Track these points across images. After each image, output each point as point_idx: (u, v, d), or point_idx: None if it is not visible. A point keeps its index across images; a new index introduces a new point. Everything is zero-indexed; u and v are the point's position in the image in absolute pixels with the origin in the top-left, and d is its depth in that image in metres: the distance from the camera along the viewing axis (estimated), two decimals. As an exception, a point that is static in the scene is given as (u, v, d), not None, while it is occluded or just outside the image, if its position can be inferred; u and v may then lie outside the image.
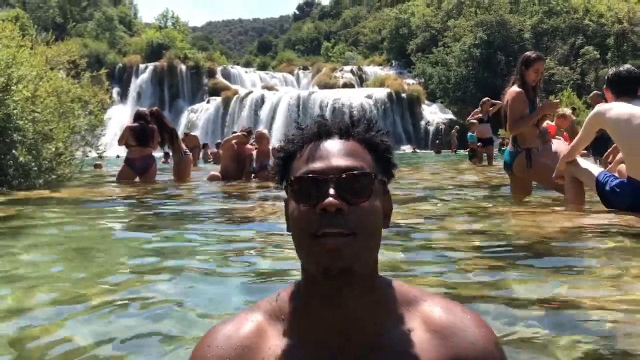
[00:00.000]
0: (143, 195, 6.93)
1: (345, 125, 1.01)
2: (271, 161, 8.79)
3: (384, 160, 1.02)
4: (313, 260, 0.93)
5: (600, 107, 4.53)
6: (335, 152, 0.97)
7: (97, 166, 14.39)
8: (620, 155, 4.67)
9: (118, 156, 14.95)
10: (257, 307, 1.04)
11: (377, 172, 1.00)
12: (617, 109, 4.28)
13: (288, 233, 1.02)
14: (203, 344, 0.99)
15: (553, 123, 7.71)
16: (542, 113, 5.42)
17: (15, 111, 7.35)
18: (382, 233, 0.99)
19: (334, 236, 0.90)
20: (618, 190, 4.25)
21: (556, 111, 6.06)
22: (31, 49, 9.21)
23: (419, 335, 0.96)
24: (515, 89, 5.32)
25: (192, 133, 19.02)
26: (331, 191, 0.92)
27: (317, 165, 0.96)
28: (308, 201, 0.94)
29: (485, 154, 13.57)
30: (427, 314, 0.98)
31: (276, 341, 0.97)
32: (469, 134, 14.18)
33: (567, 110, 8.36)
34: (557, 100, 5.91)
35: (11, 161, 7.27)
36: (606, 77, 4.59)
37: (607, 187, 4.32)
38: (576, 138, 4.73)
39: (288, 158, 1.02)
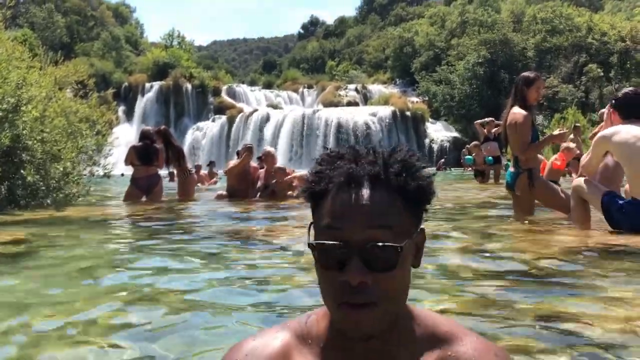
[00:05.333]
0: (148, 215, 6.97)
1: (376, 171, 0.92)
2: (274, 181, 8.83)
3: (419, 204, 0.96)
4: (335, 320, 0.94)
5: (605, 131, 4.55)
6: (362, 211, 0.89)
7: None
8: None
9: (123, 174, 14.98)
10: (287, 326, 1.03)
11: (409, 224, 0.94)
12: (622, 132, 4.32)
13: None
14: (230, 356, 1.00)
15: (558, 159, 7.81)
16: (552, 141, 6.05)
17: (24, 131, 7.45)
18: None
19: (355, 307, 0.88)
20: (623, 210, 4.28)
21: (563, 140, 6.30)
22: (40, 69, 9.32)
23: None
24: (521, 111, 5.30)
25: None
26: (354, 263, 0.88)
27: (341, 226, 0.90)
28: (330, 267, 0.91)
29: (492, 172, 13.70)
30: (460, 357, 0.96)
31: None
32: (467, 156, 14.37)
33: (571, 145, 8.50)
34: (566, 131, 6.16)
35: (20, 181, 7.35)
36: (613, 101, 4.63)
37: (613, 208, 4.35)
38: (587, 158, 4.71)
39: (315, 197, 0.96)
